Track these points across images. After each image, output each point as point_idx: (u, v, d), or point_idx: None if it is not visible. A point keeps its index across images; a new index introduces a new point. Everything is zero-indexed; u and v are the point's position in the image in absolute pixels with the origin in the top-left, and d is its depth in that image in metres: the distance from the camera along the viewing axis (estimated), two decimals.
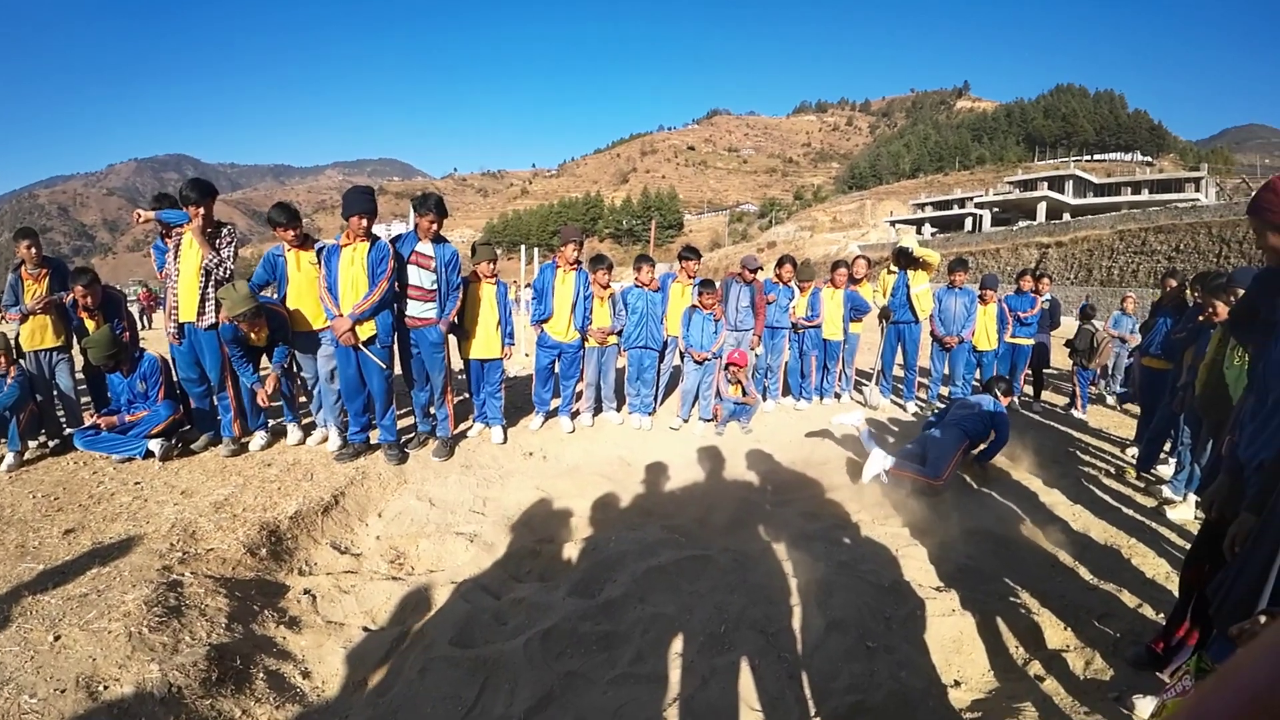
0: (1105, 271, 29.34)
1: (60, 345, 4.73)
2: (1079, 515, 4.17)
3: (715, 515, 4.04)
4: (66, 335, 4.77)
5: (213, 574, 3.00)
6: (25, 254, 4.58)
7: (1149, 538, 3.83)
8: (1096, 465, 5.31)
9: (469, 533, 3.71)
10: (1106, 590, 3.22)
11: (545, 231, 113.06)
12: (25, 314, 4.54)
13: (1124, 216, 31.55)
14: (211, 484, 3.99)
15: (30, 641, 2.43)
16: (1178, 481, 4.47)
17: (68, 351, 4.82)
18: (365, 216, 4.11)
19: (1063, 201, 54.40)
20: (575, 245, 5.27)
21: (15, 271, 4.60)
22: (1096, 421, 6.93)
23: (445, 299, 4.54)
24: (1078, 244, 31.80)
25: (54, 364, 4.73)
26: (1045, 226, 38.54)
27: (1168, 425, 4.85)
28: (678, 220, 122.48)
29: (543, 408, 5.60)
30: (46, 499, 3.81)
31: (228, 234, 4.32)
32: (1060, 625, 2.94)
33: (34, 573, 2.95)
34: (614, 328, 5.58)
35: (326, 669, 2.61)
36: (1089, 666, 2.64)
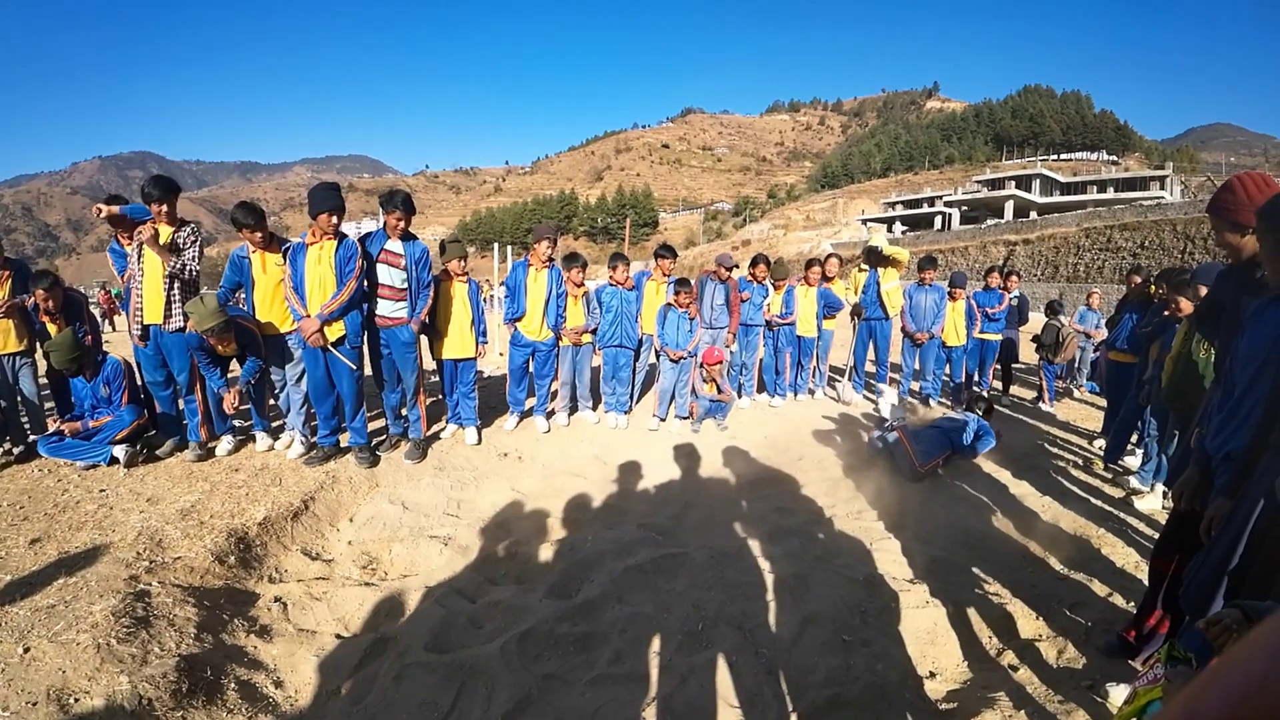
0: (1072, 268, 29.99)
1: (23, 350, 4.55)
2: (1048, 507, 4.25)
3: (692, 513, 4.05)
4: (29, 339, 4.60)
5: (181, 583, 2.93)
6: None
7: (1117, 528, 3.92)
8: (1065, 457, 5.43)
9: (443, 536, 3.66)
10: (1077, 580, 3.29)
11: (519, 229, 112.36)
12: None
13: (1090, 214, 32.22)
14: (178, 490, 3.89)
15: (1, 654, 2.38)
16: (1145, 472, 4.58)
17: (30, 356, 4.64)
18: (334, 214, 4.01)
19: (1030, 200, 55.59)
20: (549, 243, 5.23)
21: None
22: (1064, 415, 7.10)
23: (416, 297, 4.46)
24: (1045, 241, 32.46)
25: (17, 369, 4.56)
26: (1013, 225, 39.31)
27: (1134, 417, 4.97)
28: (653, 218, 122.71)
29: (517, 408, 5.55)
30: (12, 508, 3.70)
31: (190, 232, 4.20)
32: (1032, 615, 2.99)
33: (1, 583, 2.87)
34: (588, 326, 5.56)
35: (299, 678, 2.56)
36: (1061, 655, 2.69)
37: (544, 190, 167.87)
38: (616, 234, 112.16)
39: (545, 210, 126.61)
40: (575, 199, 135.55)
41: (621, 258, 5.87)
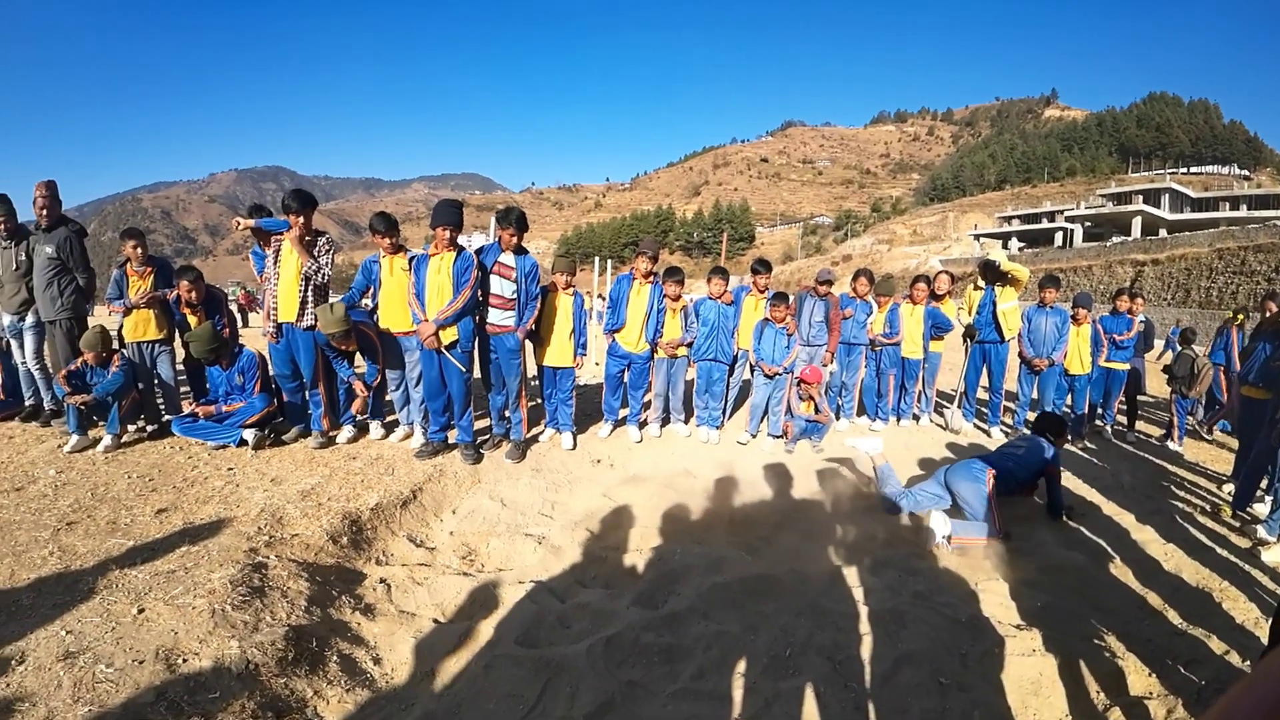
0: (1204, 292, 27.17)
1: (162, 338, 5.08)
2: (1171, 555, 3.87)
3: (783, 535, 3.95)
4: (169, 329, 5.13)
5: (296, 558, 3.12)
6: (131, 253, 4.96)
7: (1241, 580, 3.52)
8: (1191, 502, 4.92)
9: (537, 535, 3.77)
10: (1195, 635, 2.97)
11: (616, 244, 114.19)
12: (129, 307, 4.91)
13: (1223, 234, 29.23)
14: (299, 473, 4.22)
15: (112, 613, 2.55)
16: (1273, 521, 4.08)
17: (169, 344, 5.17)
18: (450, 228, 4.33)
19: (1158, 216, 51.02)
20: (650, 258, 5.31)
21: (121, 268, 4.99)
22: (1193, 455, 6.42)
23: (524, 308, 4.69)
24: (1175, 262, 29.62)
25: (155, 355, 5.07)
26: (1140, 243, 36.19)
27: (1266, 460, 4.42)
28: (749, 233, 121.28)
29: (611, 416, 5.66)
30: (141, 479, 4.07)
31: (325, 242, 4.62)
32: (1144, 671, 2.73)
33: (123, 548, 3.13)
34: (684, 339, 5.58)
35: (396, 657, 2.68)
36: (1170, 715, 2.44)
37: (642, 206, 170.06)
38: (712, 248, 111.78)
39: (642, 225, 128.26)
40: (672, 214, 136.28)
41: (721, 272, 5.86)
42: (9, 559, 3.01)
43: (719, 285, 5.75)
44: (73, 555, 3.05)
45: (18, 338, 5.22)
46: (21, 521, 3.44)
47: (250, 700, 2.18)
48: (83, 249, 5.02)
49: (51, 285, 4.85)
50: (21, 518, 3.49)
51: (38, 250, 4.88)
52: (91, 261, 5.23)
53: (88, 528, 3.37)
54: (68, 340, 4.96)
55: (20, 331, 5.17)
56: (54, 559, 3.02)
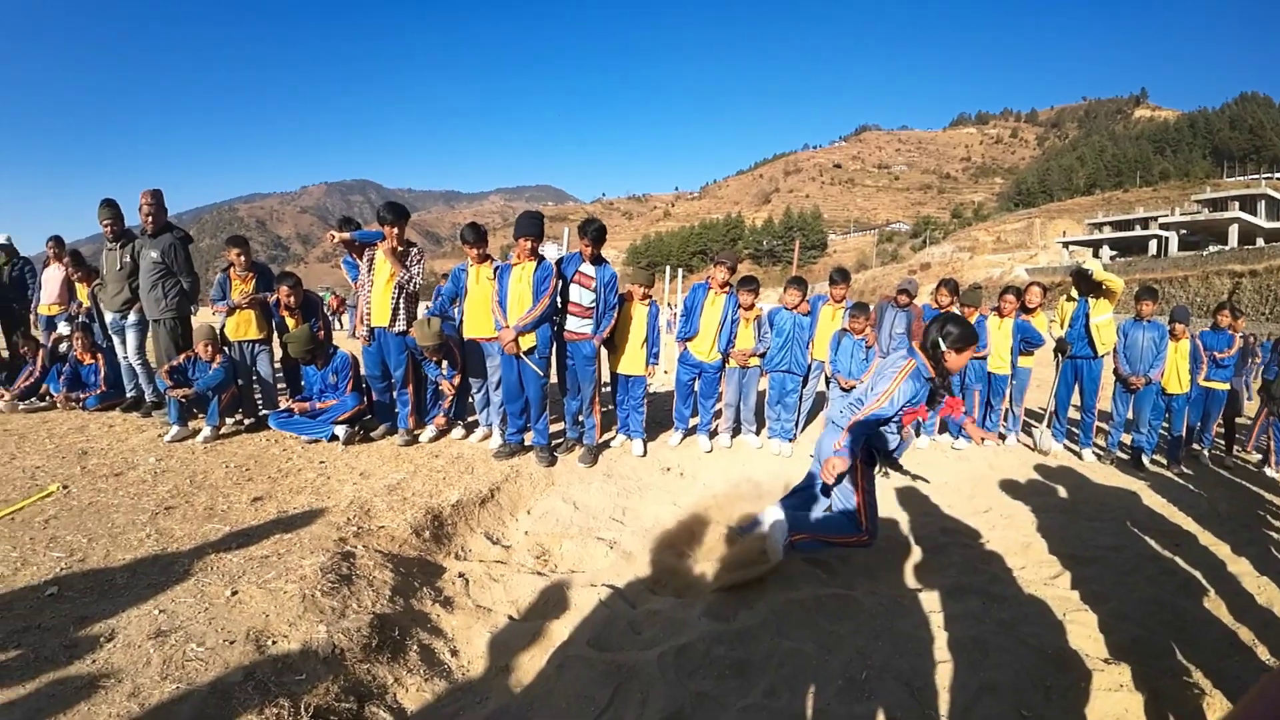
0: None
1: (262, 338, 5.45)
2: (1264, 589, 3.55)
3: (859, 554, 3.83)
4: (268, 330, 5.50)
5: (382, 549, 3.25)
6: (235, 258, 5.34)
7: None
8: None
9: (609, 539, 3.81)
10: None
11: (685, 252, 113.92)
12: (231, 308, 5.29)
13: None
14: (386, 469, 4.42)
15: (206, 594, 2.67)
16: None
17: (268, 344, 5.54)
18: (531, 239, 4.50)
19: (1255, 224, 46.86)
20: (729, 268, 5.30)
21: (224, 272, 5.39)
22: None
23: (601, 316, 4.81)
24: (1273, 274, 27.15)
25: (255, 354, 5.44)
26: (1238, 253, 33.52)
27: None
28: (821, 240, 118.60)
29: (682, 425, 5.67)
30: (238, 469, 4.34)
31: (417, 253, 4.86)
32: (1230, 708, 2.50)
33: (219, 533, 3.31)
34: (757, 349, 5.53)
35: (473, 650, 2.75)
36: None
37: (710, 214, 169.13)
38: (783, 256, 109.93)
39: (711, 234, 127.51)
40: (741, 222, 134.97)
41: (799, 282, 5.77)
42: (105, 540, 3.20)
43: (795, 295, 5.66)
44: (170, 538, 3.24)
45: (120, 334, 5.67)
46: (120, 505, 3.67)
47: (334, 684, 2.26)
48: (187, 254, 5.39)
49: (156, 287, 5.20)
50: (120, 501, 3.72)
51: (143, 254, 5.24)
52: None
53: (185, 513, 3.58)
54: (170, 338, 5.32)
55: (123, 328, 5.60)
56: (151, 541, 3.20)
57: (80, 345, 5.98)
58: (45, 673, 2.20)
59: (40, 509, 3.59)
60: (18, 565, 2.93)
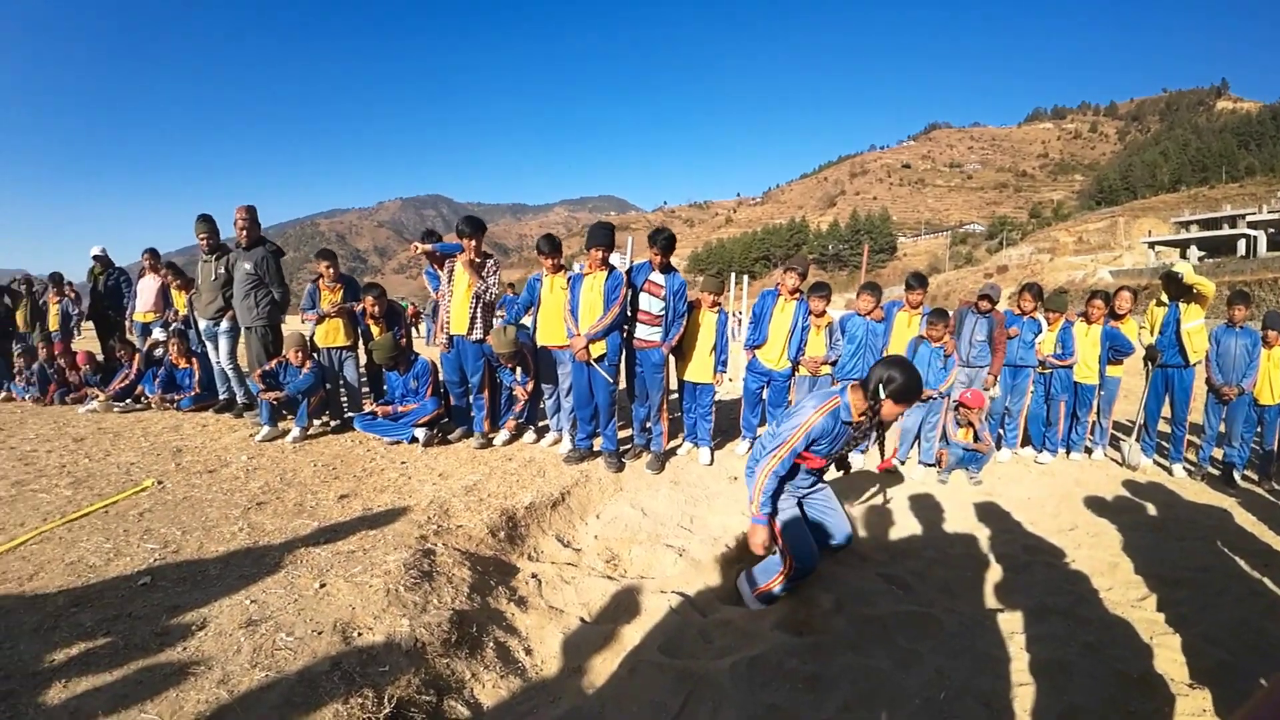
0: None
1: (349, 345, 5.77)
2: None
3: (937, 571, 3.72)
4: (354, 337, 5.81)
5: (460, 547, 3.35)
6: (324, 270, 5.70)
7: None
8: None
9: (678, 546, 3.81)
10: None
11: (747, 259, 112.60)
12: (320, 317, 5.61)
13: None
14: (463, 470, 4.58)
15: (296, 587, 2.78)
16: None
17: (354, 350, 5.87)
18: (602, 249, 4.59)
19: None
20: (799, 274, 5.23)
21: (314, 283, 5.74)
22: None
23: (670, 324, 4.84)
24: None
25: (342, 359, 5.77)
26: None
27: None
28: (890, 243, 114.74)
29: (749, 433, 5.60)
30: (325, 468, 4.57)
31: (493, 264, 5.05)
32: None
33: (308, 528, 3.47)
34: (828, 358, 5.41)
35: (546, 650, 2.79)
36: None
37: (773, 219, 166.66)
38: (849, 261, 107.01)
39: (774, 239, 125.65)
40: (805, 227, 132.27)
41: (872, 287, 5.61)
42: (199, 533, 3.39)
43: (868, 301, 5.51)
44: (261, 532, 3.41)
45: (213, 340, 6.06)
46: (213, 500, 3.89)
47: (416, 676, 2.32)
48: (278, 267, 5.75)
49: (249, 297, 5.57)
50: (213, 496, 3.96)
51: (238, 266, 5.61)
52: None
53: (276, 508, 3.78)
54: (261, 345, 5.69)
55: (215, 335, 6.00)
56: (243, 535, 3.37)
57: (176, 350, 6.46)
58: (134, 660, 2.29)
59: (135, 503, 3.84)
60: (110, 556, 3.10)
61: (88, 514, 3.62)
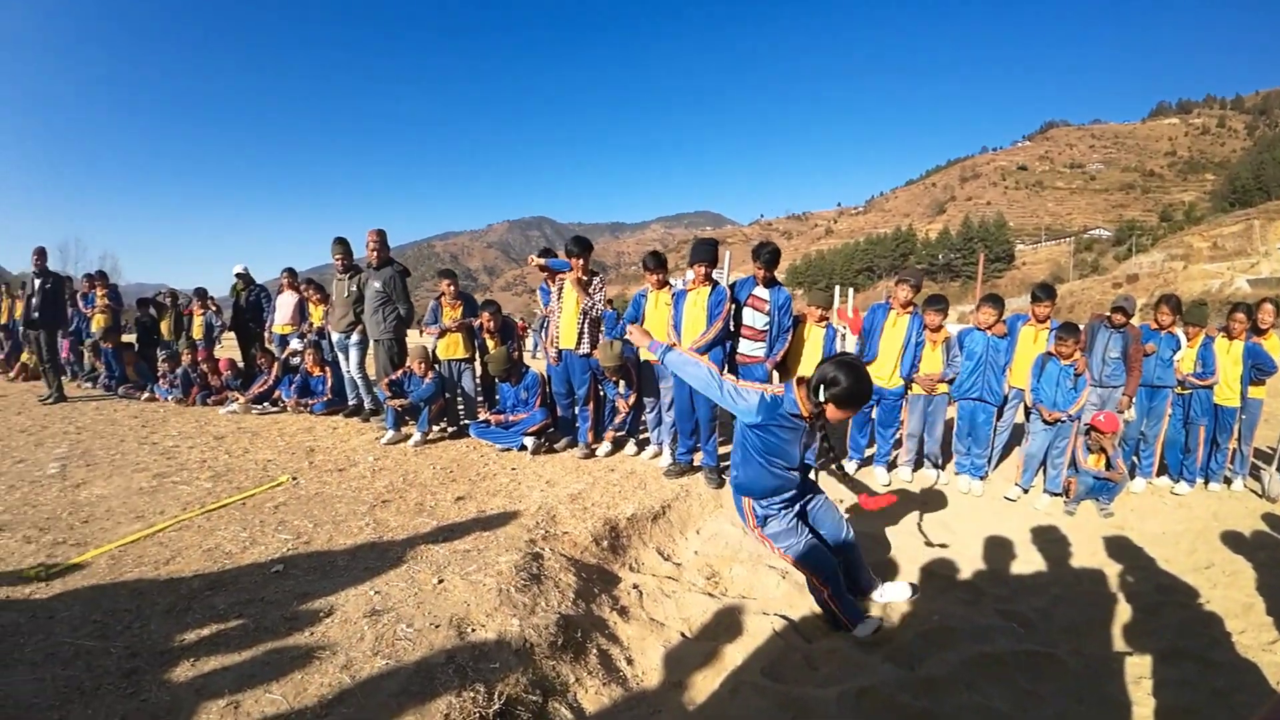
0: None
1: (467, 357, 6.19)
2: None
3: (1062, 609, 3.48)
4: (472, 350, 6.23)
5: (565, 553, 3.45)
6: (445, 289, 6.18)
7: None
8: None
9: (780, 568, 3.73)
10: None
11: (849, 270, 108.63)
12: (442, 331, 6.05)
13: None
14: (568, 479, 4.72)
15: (416, 581, 2.91)
16: None
17: (471, 363, 6.28)
18: (705, 265, 4.64)
19: None
20: (912, 287, 5.03)
21: (437, 300, 6.22)
22: None
23: (775, 340, 4.80)
24: None
25: (460, 371, 6.20)
26: None
27: None
28: (1007, 251, 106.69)
29: (856, 454, 5.43)
30: (443, 471, 4.86)
31: (599, 282, 5.23)
32: None
33: (428, 526, 3.67)
34: (944, 375, 5.13)
35: (647, 661, 2.82)
36: None
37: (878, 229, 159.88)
38: (962, 271, 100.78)
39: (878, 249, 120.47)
40: (912, 235, 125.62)
41: (994, 299, 5.28)
42: (329, 526, 3.64)
43: (989, 314, 5.17)
44: (385, 528, 3.66)
45: (344, 351, 6.62)
46: (342, 496, 4.22)
47: (524, 675, 2.38)
48: (404, 286, 6.24)
49: (377, 312, 6.08)
50: (342, 493, 4.29)
51: (368, 284, 6.13)
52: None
53: (399, 506, 4.05)
54: (388, 356, 6.18)
55: (347, 346, 6.54)
56: (368, 530, 3.62)
57: (311, 360, 7.12)
58: (263, 642, 2.43)
59: (270, 496, 4.21)
60: (246, 544, 3.36)
61: (226, 505, 4.01)
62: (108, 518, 3.76)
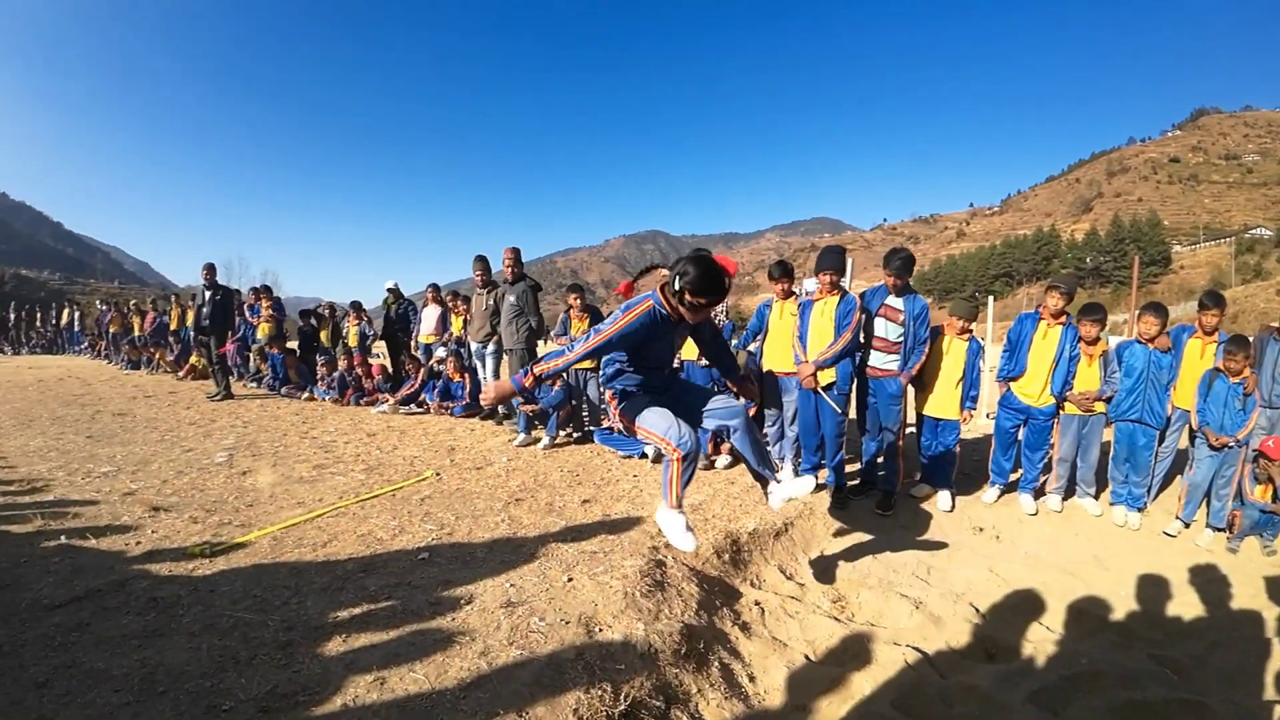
0: None
1: (593, 366, 6.31)
2: None
3: (1220, 655, 3.09)
4: (597, 360, 6.33)
5: (687, 563, 3.44)
6: (573, 302, 6.47)
7: None
8: None
9: (913, 598, 3.54)
10: None
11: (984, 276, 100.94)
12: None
13: None
14: (689, 489, 4.67)
15: (547, 577, 3.02)
16: None
17: (597, 372, 6.37)
18: (832, 273, 4.47)
19: None
20: (1064, 294, 4.60)
21: (566, 312, 6.57)
22: None
23: (910, 352, 4.53)
24: None
25: (586, 379, 6.44)
26: None
27: None
28: (1162, 254, 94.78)
29: (1000, 479, 4.98)
30: (570, 474, 5.04)
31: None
32: None
33: (557, 525, 3.80)
34: (1101, 393, 4.64)
35: (770, 680, 2.76)
36: None
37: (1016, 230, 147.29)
38: (1113, 276, 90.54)
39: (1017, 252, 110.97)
40: (1055, 237, 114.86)
41: (1157, 308, 4.71)
42: (468, 520, 3.88)
43: (1152, 325, 4.63)
44: (519, 525, 3.85)
45: (481, 359, 7.22)
46: (480, 493, 4.51)
47: (648, 680, 2.41)
48: (536, 300, 6.69)
49: (512, 324, 6.53)
50: (480, 490, 4.59)
51: (504, 298, 6.62)
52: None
53: (530, 505, 4.25)
54: (520, 365, 6.56)
55: (484, 355, 7.13)
56: (504, 525, 3.82)
57: (452, 366, 7.80)
58: (409, 623, 2.58)
59: (417, 489, 4.58)
60: (396, 532, 3.64)
61: (378, 495, 4.39)
62: (270, 502, 4.22)
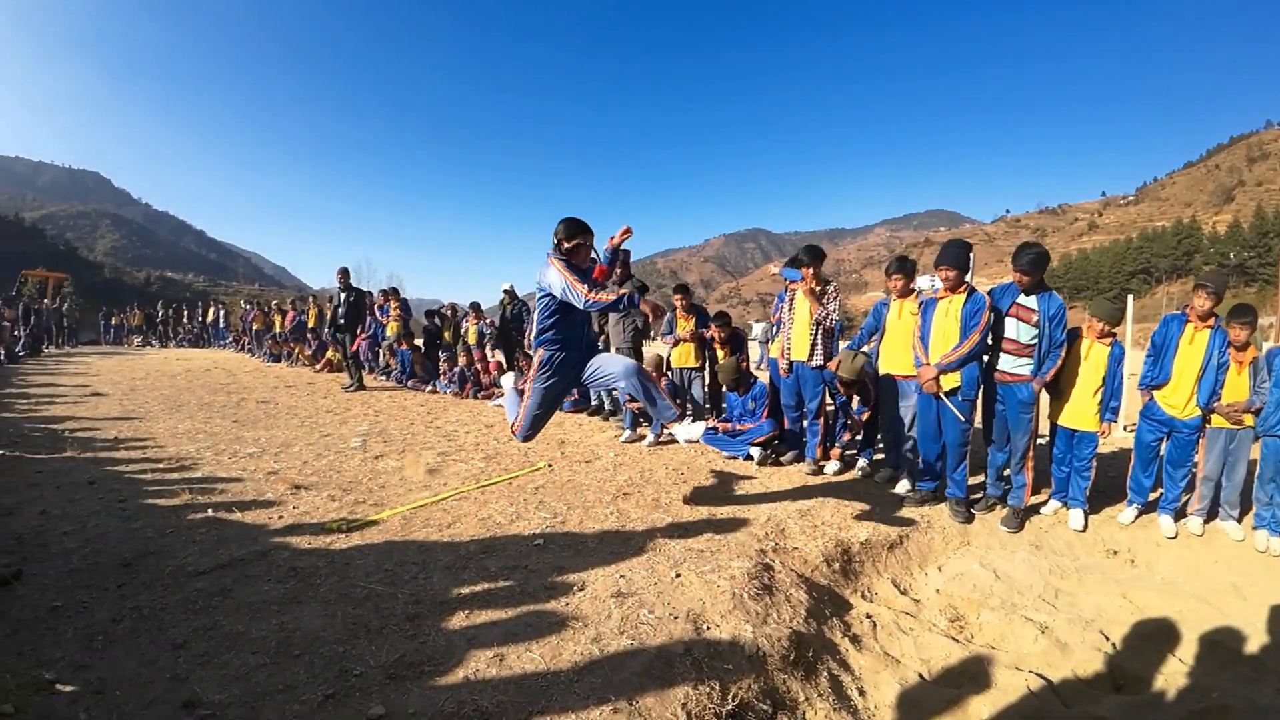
0: None
1: (697, 366, 6.50)
2: None
3: None
4: (703, 359, 6.51)
5: (795, 570, 3.39)
6: (678, 302, 6.51)
7: None
8: None
9: (1039, 622, 3.30)
10: None
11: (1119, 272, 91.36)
12: (677, 340, 6.42)
13: None
14: (795, 494, 4.65)
15: (655, 571, 3.09)
16: None
17: (702, 371, 6.56)
18: (955, 270, 4.23)
19: None
20: (1212, 294, 4.14)
21: (671, 312, 6.57)
22: None
23: (1045, 356, 4.21)
24: None
25: (691, 378, 6.50)
26: None
27: None
28: None
29: (1138, 498, 4.52)
30: (675, 471, 5.12)
31: (833, 290, 5.07)
32: None
33: (663, 521, 3.91)
34: (1251, 405, 4.09)
35: (880, 696, 2.68)
36: None
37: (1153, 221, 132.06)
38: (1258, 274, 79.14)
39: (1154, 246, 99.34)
40: (1196, 229, 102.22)
41: None
42: (579, 510, 4.04)
43: None
44: (627, 518, 3.97)
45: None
46: (590, 485, 4.68)
47: (755, 683, 2.41)
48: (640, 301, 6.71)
49: (618, 324, 6.71)
50: (590, 482, 4.76)
51: None
52: None
53: (638, 500, 4.36)
54: None
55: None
56: (613, 518, 3.96)
57: None
58: (526, 604, 2.74)
59: (531, 480, 4.84)
60: (513, 518, 3.88)
61: (497, 483, 4.71)
62: (400, 485, 4.62)
